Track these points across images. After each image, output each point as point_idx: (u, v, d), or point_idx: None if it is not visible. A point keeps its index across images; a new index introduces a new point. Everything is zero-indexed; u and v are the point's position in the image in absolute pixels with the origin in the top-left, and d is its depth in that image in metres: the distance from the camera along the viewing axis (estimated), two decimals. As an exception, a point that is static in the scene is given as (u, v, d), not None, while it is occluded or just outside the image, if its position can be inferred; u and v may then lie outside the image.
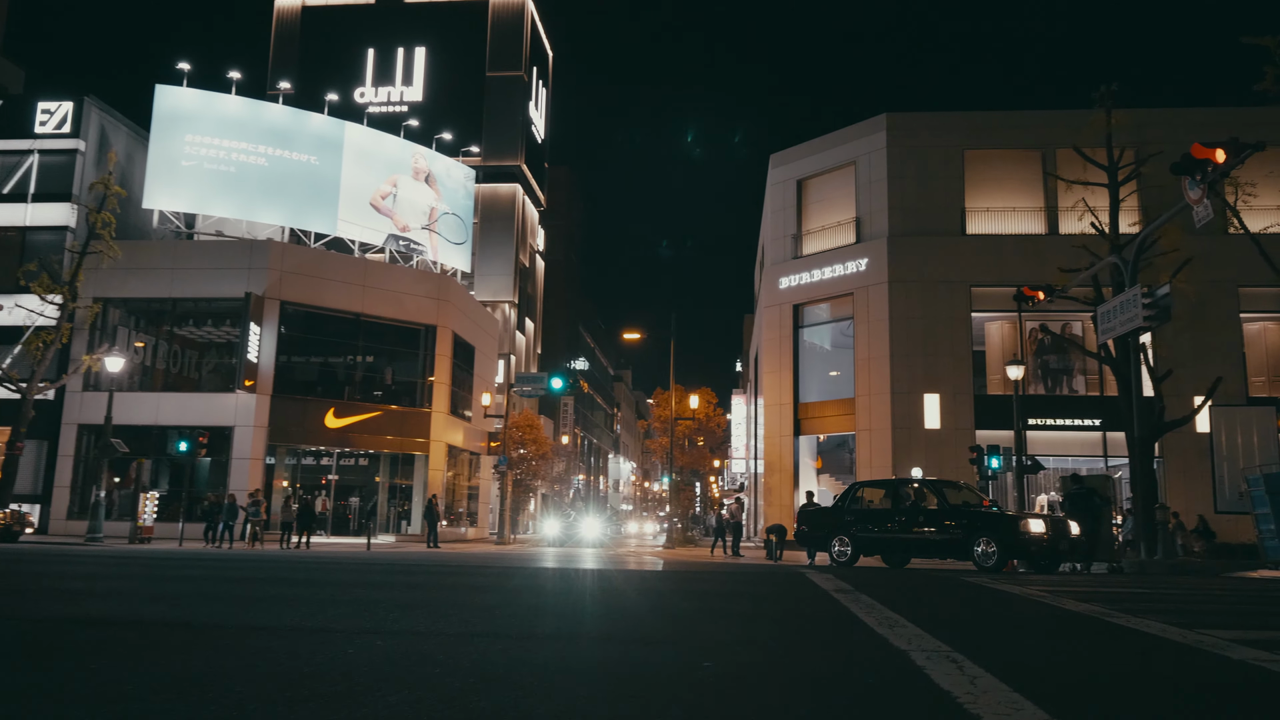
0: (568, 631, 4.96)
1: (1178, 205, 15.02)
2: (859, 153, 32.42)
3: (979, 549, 14.83)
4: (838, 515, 17.59)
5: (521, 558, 16.45)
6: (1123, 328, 16.80)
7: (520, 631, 4.91)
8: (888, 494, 17.63)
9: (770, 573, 11.63)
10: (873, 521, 17.00)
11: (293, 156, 35.35)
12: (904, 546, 16.52)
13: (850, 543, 16.74)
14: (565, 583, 8.62)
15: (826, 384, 33.78)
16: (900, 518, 16.49)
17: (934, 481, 18.49)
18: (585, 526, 32.51)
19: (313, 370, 33.98)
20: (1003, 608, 7.04)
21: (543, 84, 56.79)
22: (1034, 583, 10.19)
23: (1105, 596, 8.02)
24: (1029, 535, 14.64)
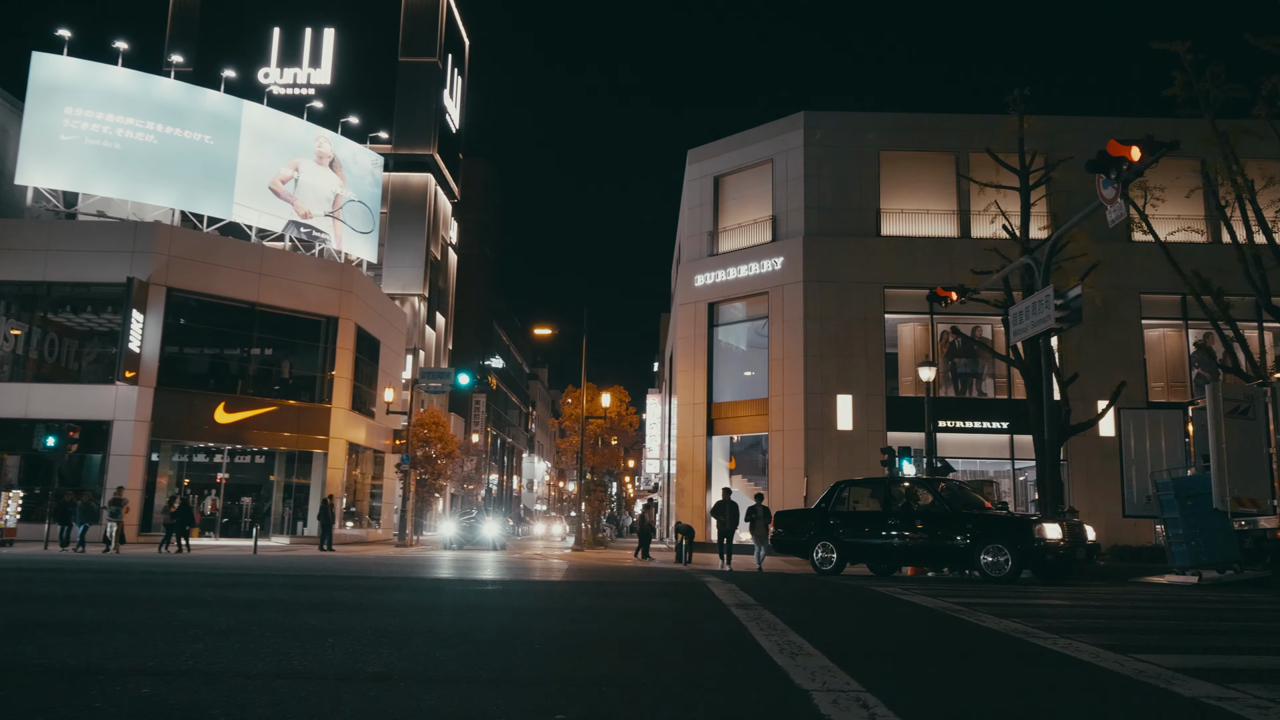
0: (404, 669, 4.06)
1: (1091, 205, 14.81)
2: (776, 150, 32.06)
3: (988, 558, 13.27)
4: (820, 518, 15.83)
5: (410, 563, 15.34)
6: (1034, 329, 16.58)
7: (344, 669, 4.01)
8: (877, 494, 16.13)
9: (672, 583, 10.89)
10: (861, 525, 15.39)
11: (185, 135, 33.34)
12: (898, 553, 14.98)
13: (835, 548, 15.13)
14: (435, 597, 7.69)
15: (741, 384, 33.36)
16: (893, 521, 14.93)
17: (931, 480, 16.68)
18: (486, 528, 29.46)
19: (203, 362, 32.06)
20: (918, 627, 6.39)
21: (458, 72, 55.29)
22: (946, 593, 9.67)
23: (1024, 610, 7.48)
24: (1045, 542, 13.09)
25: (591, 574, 12.82)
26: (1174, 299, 30.36)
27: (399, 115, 48.44)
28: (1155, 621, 6.66)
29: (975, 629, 6.06)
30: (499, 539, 29.24)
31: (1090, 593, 10.25)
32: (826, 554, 15.21)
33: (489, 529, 29.16)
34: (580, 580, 10.75)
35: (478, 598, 7.51)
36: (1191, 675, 4.17)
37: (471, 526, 29.70)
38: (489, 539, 28.99)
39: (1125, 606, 8.13)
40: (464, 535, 29.45)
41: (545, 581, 10.06)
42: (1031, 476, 31.23)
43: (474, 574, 11.48)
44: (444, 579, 10.34)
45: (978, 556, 13.36)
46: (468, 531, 29.51)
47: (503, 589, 8.56)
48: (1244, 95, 18.26)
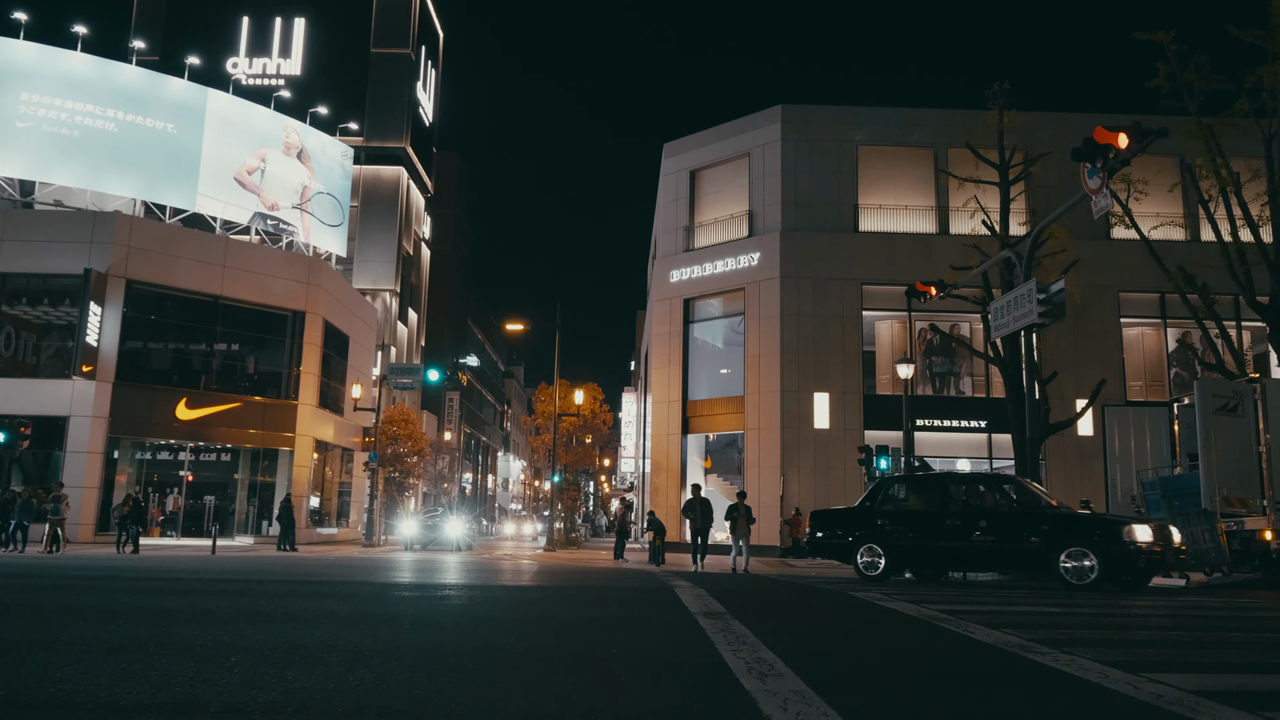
0: (305, 697, 3.45)
1: (1076, 196, 14.37)
2: (753, 144, 31.58)
3: (1068, 563, 11.93)
4: (865, 518, 14.34)
5: (364, 566, 14.59)
6: (1016, 324, 16.14)
7: (234, 698, 3.39)
8: (931, 491, 14.69)
9: (638, 587, 10.28)
10: (915, 526, 13.95)
11: (147, 123, 32.38)
12: (959, 557, 13.49)
13: (884, 552, 13.68)
14: (375, 606, 7.06)
15: (717, 381, 32.86)
16: (953, 522, 13.41)
17: (997, 476, 15.01)
18: (450, 527, 27.50)
19: (164, 357, 31.11)
20: (901, 639, 5.85)
21: (432, 65, 54.42)
22: (936, 600, 9.15)
23: (1013, 619, 6.96)
24: (1135, 545, 11.74)
25: (556, 577, 12.22)
26: (1152, 297, 30.17)
27: (371, 107, 47.54)
28: (1157, 632, 6.16)
29: (966, 642, 5.52)
30: (463, 539, 27.67)
31: (1080, 599, 9.76)
32: (873, 558, 13.78)
33: (452, 529, 27.32)
34: (542, 585, 10.13)
35: (423, 607, 6.89)
36: (1216, 700, 3.65)
37: (433, 526, 27.95)
38: (452, 539, 27.32)
39: (1120, 615, 7.64)
40: (425, 535, 27.65)
41: (503, 587, 9.43)
42: (1009, 476, 30.93)
43: (429, 578, 10.79)
44: (393, 584, 9.65)
45: (1056, 561, 12.08)
46: (429, 531, 27.70)
47: (454, 596, 7.93)
48: (1228, 87, 17.93)
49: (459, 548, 26.92)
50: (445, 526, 27.52)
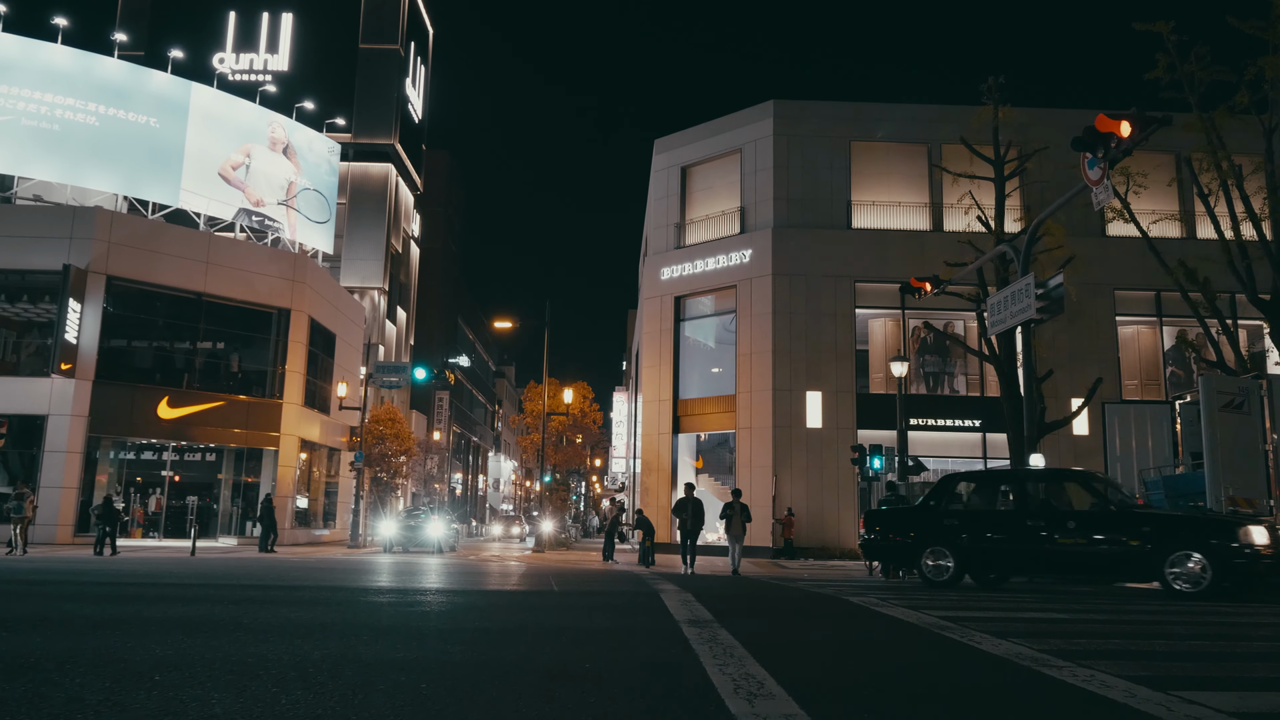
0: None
1: (1076, 187, 13.98)
2: (745, 140, 31.17)
3: (1176, 567, 10.70)
4: (931, 518, 13.13)
5: (340, 569, 14.04)
6: (1013, 319, 15.75)
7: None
8: (1009, 489, 13.33)
9: (623, 592, 9.81)
10: (991, 527, 12.71)
11: (129, 117, 31.80)
12: (1045, 562, 12.08)
13: (953, 555, 12.47)
14: (334, 614, 6.57)
15: (708, 380, 32.44)
16: (1036, 522, 12.11)
17: (1081, 473, 13.48)
18: (431, 528, 26.19)
19: (146, 355, 30.55)
20: (903, 651, 5.42)
21: (421, 61, 53.89)
22: (935, 605, 8.74)
23: (1022, 626, 6.53)
24: (1252, 548, 10.51)
25: (538, 580, 11.75)
26: (1148, 295, 29.86)
27: (359, 103, 46.97)
28: (1178, 643, 5.73)
29: (974, 654, 5.10)
30: (444, 541, 26.61)
31: (1088, 603, 9.35)
32: (940, 561, 12.57)
33: (434, 530, 26.10)
34: (520, 590, 9.63)
35: (387, 615, 6.43)
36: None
37: (414, 528, 26.51)
38: (434, 541, 26.16)
39: (1132, 622, 7.22)
40: (405, 537, 26.30)
41: (478, 592, 8.94)
42: (1004, 476, 30.57)
43: (402, 583, 10.26)
44: (362, 589, 9.12)
45: (1162, 566, 10.85)
46: (409, 533, 26.31)
47: (424, 603, 7.45)
48: (1230, 78, 17.55)
49: (440, 549, 26.00)
50: (427, 528, 26.26)
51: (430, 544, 26.13)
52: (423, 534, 26.31)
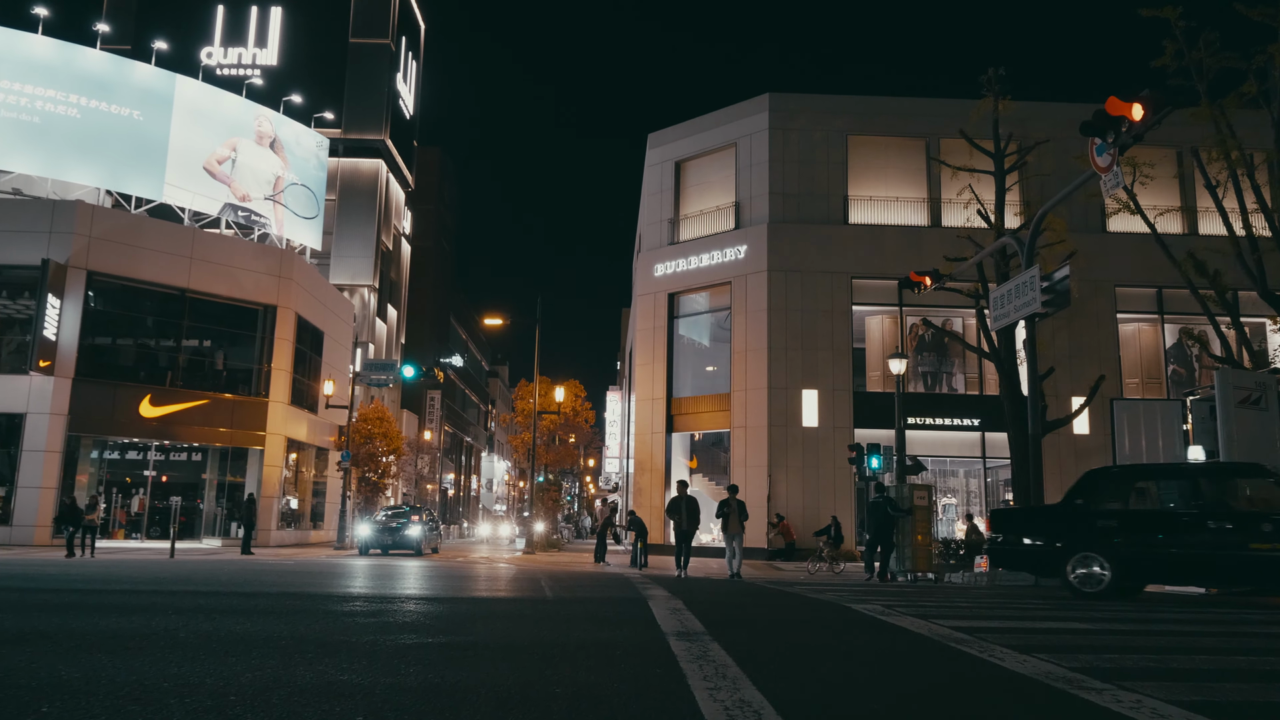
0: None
1: (1084, 175, 13.45)
2: (740, 134, 30.63)
3: None
4: (1076, 519, 11.53)
5: (310, 573, 13.28)
6: (1017, 313, 15.23)
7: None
8: (1177, 486, 11.72)
9: (609, 598, 9.20)
10: (1155, 529, 11.07)
11: (112, 110, 31.17)
12: (1237, 570, 10.48)
13: (1110, 562, 10.83)
14: (285, 625, 5.96)
15: (702, 379, 31.90)
16: (1221, 524, 10.48)
17: (1260, 467, 11.33)
18: (412, 529, 24.52)
19: (128, 352, 29.95)
20: (918, 669, 4.87)
21: (413, 56, 53.28)
22: (945, 615, 8.19)
23: (1043, 640, 5.98)
24: None
25: (519, 585, 11.15)
26: (1149, 292, 29.38)
27: (349, 98, 46.36)
28: (1221, 657, 5.16)
29: (996, 673, 4.55)
30: (426, 542, 25.19)
31: (1109, 611, 8.78)
32: (1091, 569, 10.99)
33: (414, 531, 24.45)
34: (499, 597, 8.99)
35: (340, 628, 5.83)
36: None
37: (393, 529, 24.58)
38: (414, 542, 24.51)
39: (1161, 633, 6.66)
40: (384, 539, 24.42)
41: (452, 599, 8.28)
42: (1003, 476, 30.08)
43: (374, 588, 9.53)
44: (325, 595, 8.41)
45: None
46: (388, 535, 24.41)
47: (391, 611, 6.84)
48: (1240, 65, 17.02)
49: (420, 552, 24.71)
50: (407, 529, 24.48)
51: (410, 546, 24.58)
52: (402, 536, 24.49)
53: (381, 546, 24.39)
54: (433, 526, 26.68)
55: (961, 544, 21.86)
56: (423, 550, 24.57)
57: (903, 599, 9.93)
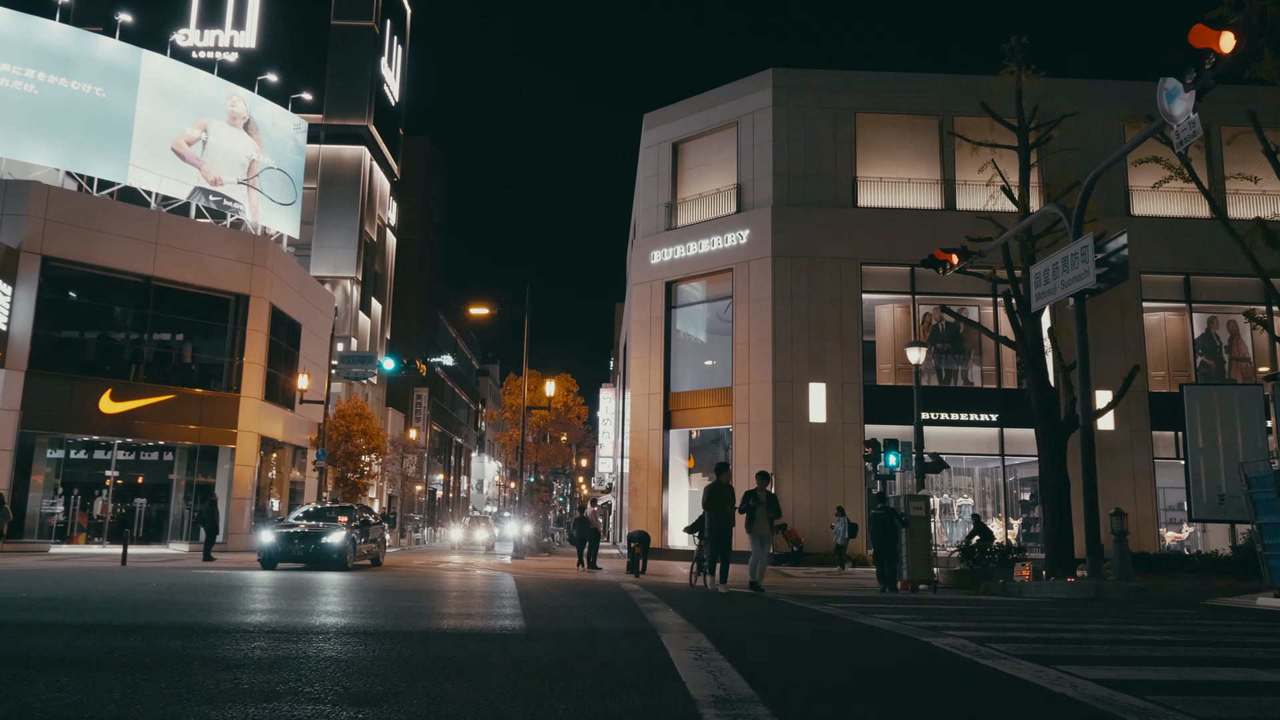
0: None
1: (1153, 125, 11.70)
2: (742, 112, 28.86)
3: None
4: None
5: (225, 589, 11.33)
6: (1065, 289, 13.49)
7: None
8: None
9: (603, 632, 7.46)
10: None
11: (72, 86, 29.21)
12: None
13: None
14: (79, 684, 4.18)
15: (701, 373, 30.12)
16: None
17: None
18: (333, 536, 18.58)
19: (87, 344, 28.05)
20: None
21: (399, 41, 51.36)
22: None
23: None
24: None
25: (491, 608, 9.26)
26: (1176, 279, 27.74)
27: (331, 83, 44.42)
28: None
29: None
30: (352, 552, 18.92)
31: (1186, 624, 7.02)
32: None
33: (334, 538, 18.51)
34: (452, 631, 6.80)
35: (153, 688, 3.98)
36: None
37: (304, 535, 18.62)
38: (333, 551, 18.45)
39: (1253, 657, 4.90)
40: (289, 547, 18.40)
41: (373, 633, 6.33)
42: (1021, 474, 28.38)
43: (279, 616, 7.49)
44: (209, 629, 6.29)
45: None
46: (296, 542, 18.48)
47: (255, 660, 4.90)
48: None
49: (345, 565, 18.51)
50: (325, 536, 18.55)
51: (329, 557, 18.51)
52: (320, 545, 18.50)
53: (292, 558, 18.51)
54: (364, 532, 20.27)
55: (990, 549, 20.16)
56: (348, 563, 18.62)
57: (962, 619, 8.17)
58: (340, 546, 18.50)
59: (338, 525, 19.19)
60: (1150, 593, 12.06)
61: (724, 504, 13.50)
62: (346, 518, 19.58)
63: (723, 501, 13.54)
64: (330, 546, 18.48)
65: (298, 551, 18.46)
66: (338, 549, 18.48)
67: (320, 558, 18.48)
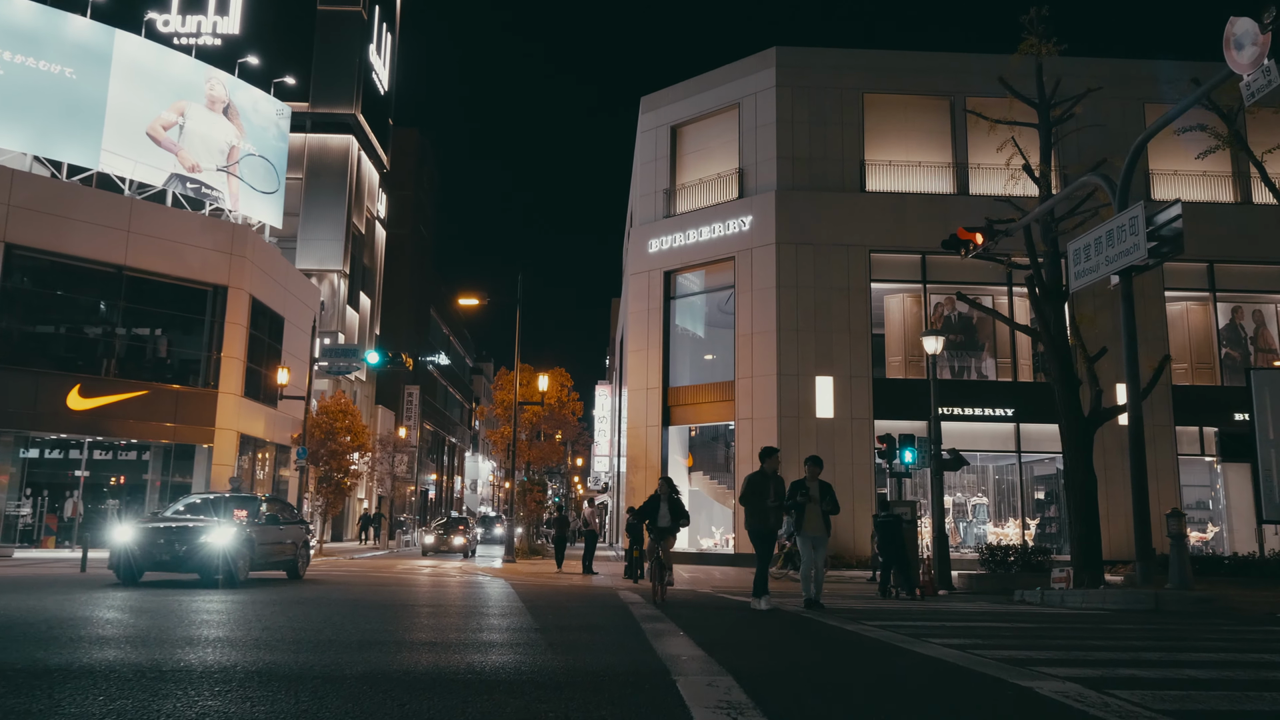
0: None
1: (1219, 75, 10.38)
2: (744, 93, 27.52)
3: None
4: None
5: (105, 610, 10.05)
6: (1110, 266, 12.18)
7: None
8: None
9: (600, 676, 6.20)
10: None
11: (41, 66, 27.82)
12: None
13: None
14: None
15: (701, 367, 28.79)
16: None
17: None
18: (215, 535, 12.73)
19: (54, 336, 26.68)
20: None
21: (388, 28, 49.95)
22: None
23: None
24: None
25: (456, 639, 7.96)
26: (1199, 267, 26.44)
27: (317, 70, 43.01)
28: None
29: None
30: (231, 556, 12.69)
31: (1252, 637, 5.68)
32: None
33: (215, 540, 12.67)
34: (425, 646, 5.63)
35: None
36: None
37: (174, 533, 12.87)
38: (211, 560, 12.55)
39: None
40: (153, 552, 12.70)
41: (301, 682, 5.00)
42: (1039, 472, 27.12)
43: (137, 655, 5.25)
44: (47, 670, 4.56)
45: None
46: (162, 545, 12.72)
47: None
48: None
49: (233, 578, 12.64)
50: (201, 536, 12.72)
51: (205, 568, 12.56)
52: (193, 550, 12.62)
53: (158, 564, 12.75)
54: (268, 532, 14.26)
55: (1013, 551, 18.95)
56: (239, 574, 12.85)
57: (1031, 643, 6.87)
58: (225, 551, 12.60)
59: (228, 521, 13.40)
60: (1216, 603, 10.74)
61: (765, 498, 10.58)
62: (245, 511, 14.22)
63: (765, 494, 10.59)
64: (209, 551, 12.53)
65: (164, 556, 12.64)
66: (220, 555, 12.54)
67: (195, 566, 12.59)
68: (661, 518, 12.71)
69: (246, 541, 13.26)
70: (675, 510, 12.86)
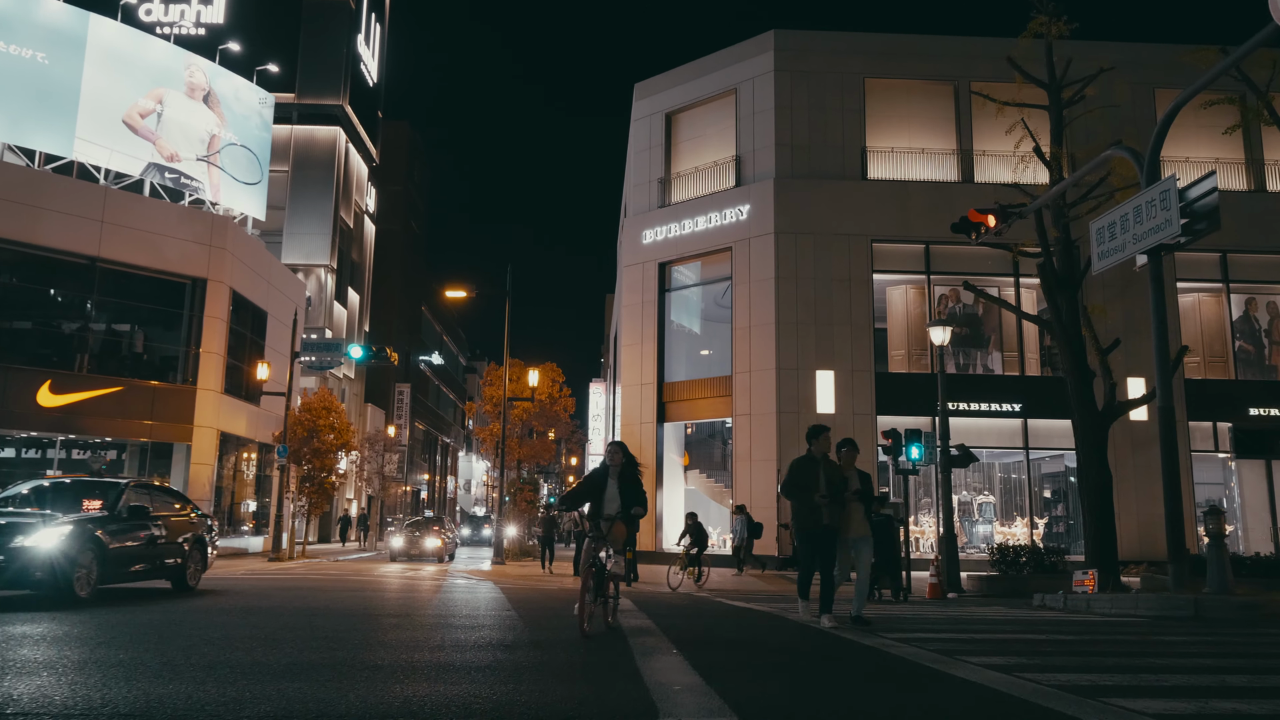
0: None
1: (1267, 29, 9.47)
2: (741, 78, 26.61)
3: None
4: None
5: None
6: (1138, 245, 11.29)
7: None
8: None
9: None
10: None
11: (11, 51, 26.81)
12: None
13: None
14: None
15: (697, 362, 27.89)
16: None
17: None
18: (45, 534, 9.19)
19: (23, 331, 25.64)
20: None
21: (377, 19, 48.94)
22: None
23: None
24: None
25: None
26: (1212, 257, 25.60)
27: (304, 61, 42.00)
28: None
29: None
30: (56, 563, 9.13)
31: None
32: None
33: (44, 538, 9.17)
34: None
35: None
36: None
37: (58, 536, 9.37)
38: (36, 564, 9.05)
39: None
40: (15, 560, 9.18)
41: None
42: (1046, 469, 26.24)
43: None
44: None
45: None
46: (29, 545, 9.18)
47: None
48: None
49: (70, 591, 9.32)
50: (16, 536, 9.19)
51: (30, 574, 9.12)
52: (12, 550, 9.10)
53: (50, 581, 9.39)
54: (131, 531, 10.69)
55: (1024, 552, 18.10)
56: (76, 588, 9.45)
57: (1084, 663, 5.97)
58: (52, 557, 9.21)
59: (65, 517, 9.89)
60: (1263, 610, 9.83)
61: (815, 489, 8.70)
62: (99, 502, 10.76)
63: (814, 485, 8.74)
64: (31, 557, 9.14)
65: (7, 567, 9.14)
66: (46, 562, 9.17)
67: (10, 579, 9.14)
68: (609, 501, 7.92)
69: (90, 543, 9.75)
70: (629, 492, 7.98)
